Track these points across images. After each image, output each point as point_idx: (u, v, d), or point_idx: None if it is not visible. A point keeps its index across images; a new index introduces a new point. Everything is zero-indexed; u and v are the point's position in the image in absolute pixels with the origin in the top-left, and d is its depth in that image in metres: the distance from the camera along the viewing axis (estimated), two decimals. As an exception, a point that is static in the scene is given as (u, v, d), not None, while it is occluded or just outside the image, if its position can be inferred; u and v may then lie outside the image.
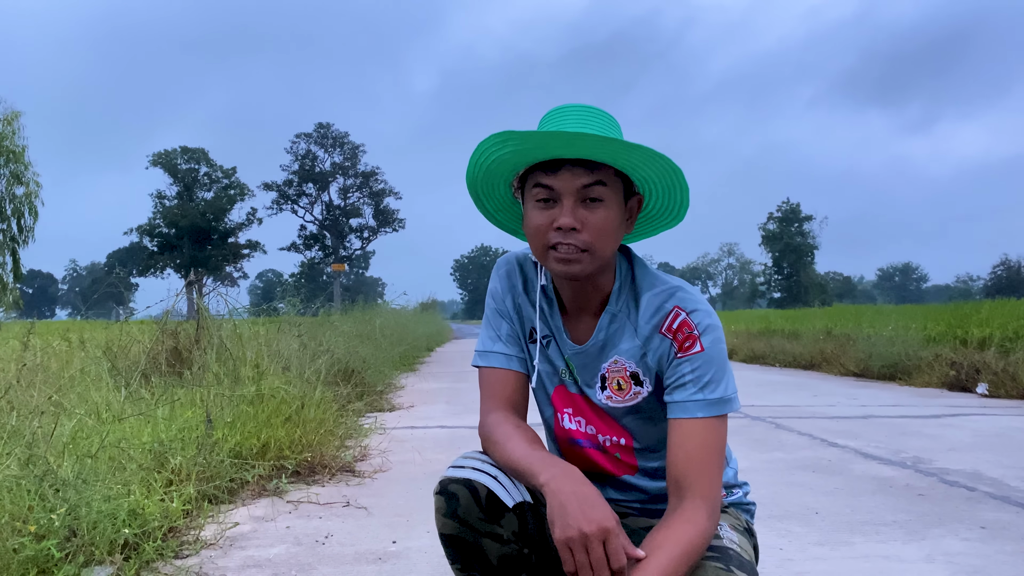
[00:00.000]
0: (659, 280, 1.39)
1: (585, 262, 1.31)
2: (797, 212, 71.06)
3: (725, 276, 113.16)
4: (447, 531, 1.35)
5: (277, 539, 2.67)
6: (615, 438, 1.45)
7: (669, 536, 1.23)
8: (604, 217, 1.30)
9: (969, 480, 3.54)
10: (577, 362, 1.44)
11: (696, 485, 1.28)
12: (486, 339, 1.50)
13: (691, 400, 1.32)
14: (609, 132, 1.32)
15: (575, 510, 1.19)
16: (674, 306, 1.35)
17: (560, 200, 1.30)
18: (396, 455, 4.16)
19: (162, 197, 60.22)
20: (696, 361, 1.32)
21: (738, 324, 17.98)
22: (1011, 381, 7.18)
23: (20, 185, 26.47)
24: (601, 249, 1.31)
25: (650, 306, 1.37)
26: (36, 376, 3.96)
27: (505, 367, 1.47)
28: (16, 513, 2.18)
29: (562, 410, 1.48)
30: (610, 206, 1.30)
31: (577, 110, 1.33)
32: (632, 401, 1.41)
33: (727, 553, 1.30)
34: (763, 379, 9.41)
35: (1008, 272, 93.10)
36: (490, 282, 1.54)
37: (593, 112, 1.34)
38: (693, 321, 1.33)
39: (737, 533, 1.41)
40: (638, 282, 1.40)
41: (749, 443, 4.58)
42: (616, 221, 1.32)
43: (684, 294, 1.36)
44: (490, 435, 1.40)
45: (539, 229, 1.32)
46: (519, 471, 1.31)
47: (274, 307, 7.07)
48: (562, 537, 1.18)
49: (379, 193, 65.74)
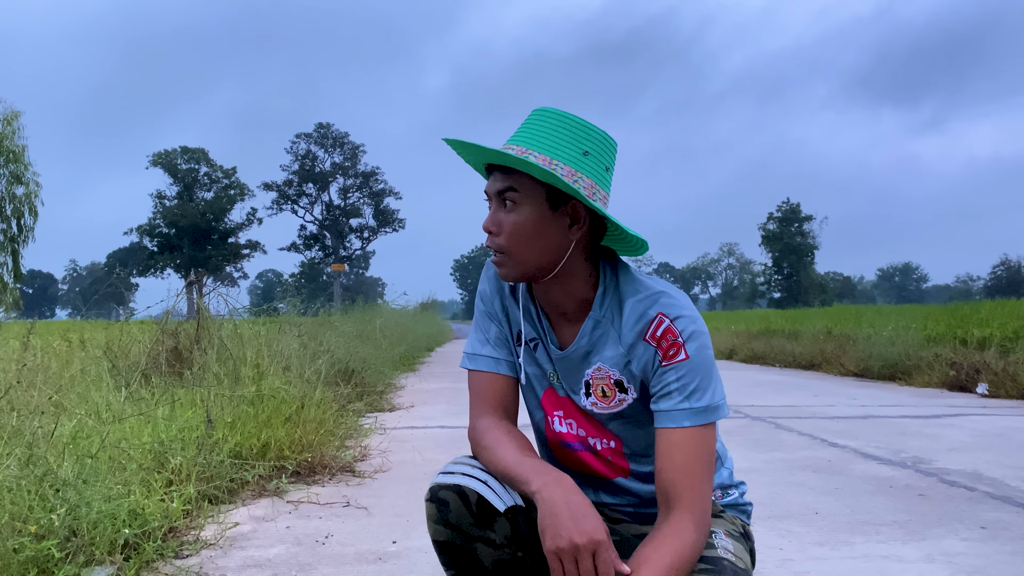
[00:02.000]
0: (643, 286, 1.36)
1: (507, 265, 1.34)
2: (797, 212, 71.04)
3: (725, 276, 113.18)
4: (440, 538, 1.34)
5: (277, 539, 2.67)
6: (605, 441, 1.44)
7: (656, 550, 1.22)
8: (515, 221, 1.31)
9: (969, 480, 3.54)
10: (561, 367, 1.43)
11: (684, 497, 1.26)
12: (475, 342, 1.49)
13: (677, 409, 1.29)
14: (556, 137, 1.29)
15: (566, 520, 1.18)
16: (657, 313, 1.32)
17: (490, 203, 1.35)
18: (396, 455, 4.16)
19: (162, 197, 60.18)
20: (681, 369, 1.30)
21: (738, 324, 17.98)
22: (1011, 381, 7.18)
23: (20, 185, 26.52)
24: (518, 252, 1.32)
25: (633, 312, 1.34)
26: (36, 376, 3.96)
27: (494, 371, 1.46)
28: (16, 513, 2.18)
29: (552, 413, 1.47)
30: (523, 211, 1.30)
31: (534, 116, 1.34)
32: (618, 408, 1.40)
33: (720, 564, 1.29)
34: (763, 379, 9.41)
35: (1008, 272, 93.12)
36: (479, 284, 1.53)
37: (549, 119, 1.31)
38: (677, 328, 1.31)
39: (732, 539, 1.39)
40: (622, 288, 1.38)
41: (749, 443, 4.58)
42: (534, 224, 1.30)
43: (668, 299, 1.33)
44: (480, 440, 1.39)
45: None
46: (510, 478, 1.30)
47: (274, 307, 7.06)
48: (552, 547, 1.18)
49: (379, 193, 65.74)
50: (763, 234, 72.10)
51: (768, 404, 6.58)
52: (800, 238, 70.46)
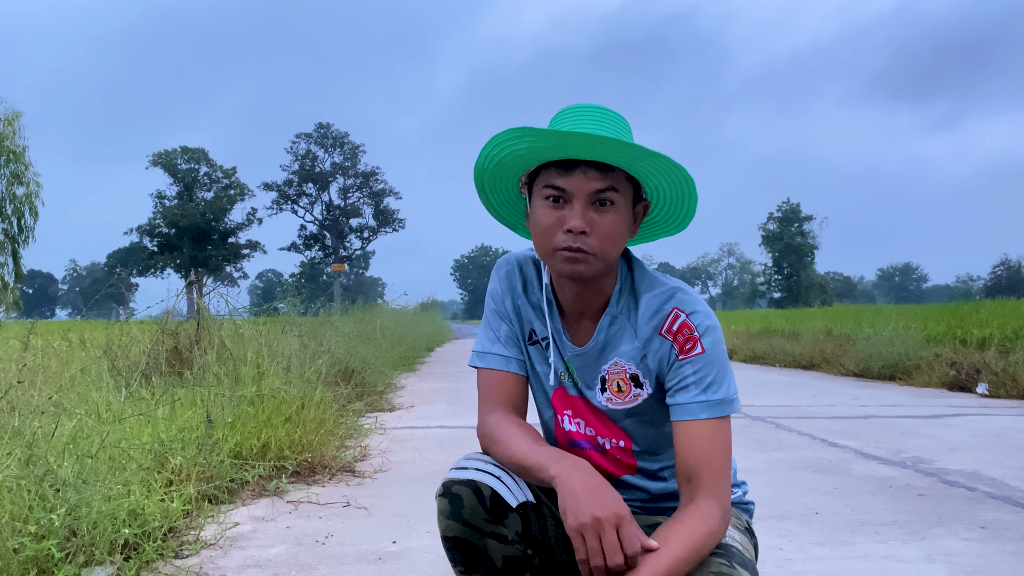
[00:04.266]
0: (657, 282, 1.39)
1: (591, 264, 1.31)
2: (797, 212, 71.02)
3: (725, 276, 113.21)
4: (451, 533, 1.34)
5: (277, 539, 2.67)
6: (615, 440, 1.45)
7: (683, 529, 1.24)
8: (613, 222, 1.30)
9: (969, 480, 3.54)
10: (577, 364, 1.44)
11: (709, 486, 1.29)
12: (485, 340, 1.50)
13: (694, 402, 1.32)
14: (623, 136, 1.32)
15: (587, 498, 1.19)
16: (673, 307, 1.35)
17: (571, 201, 1.29)
18: (396, 455, 4.16)
19: (162, 197, 60.20)
20: (698, 363, 1.32)
21: (738, 324, 17.98)
22: (1011, 381, 7.18)
23: (20, 185, 26.48)
24: (607, 253, 1.32)
25: (649, 308, 1.37)
26: (37, 376, 3.96)
27: (504, 369, 1.46)
28: (16, 513, 2.18)
29: (562, 412, 1.48)
30: (619, 211, 1.31)
31: (592, 111, 1.33)
32: (632, 403, 1.41)
33: (730, 550, 1.31)
34: (763, 379, 9.41)
35: (1008, 272, 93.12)
36: (490, 283, 1.53)
37: (608, 114, 1.33)
38: (693, 323, 1.34)
39: (738, 532, 1.41)
40: (637, 284, 1.40)
41: (749, 443, 4.58)
42: (624, 226, 1.33)
43: (683, 295, 1.36)
44: (492, 434, 1.40)
45: (548, 229, 1.31)
46: (527, 467, 1.31)
47: (274, 307, 7.06)
48: (575, 524, 1.19)
49: (379, 193, 65.73)
50: (763, 234, 72.08)
51: (768, 404, 6.58)
52: (800, 238, 70.44)
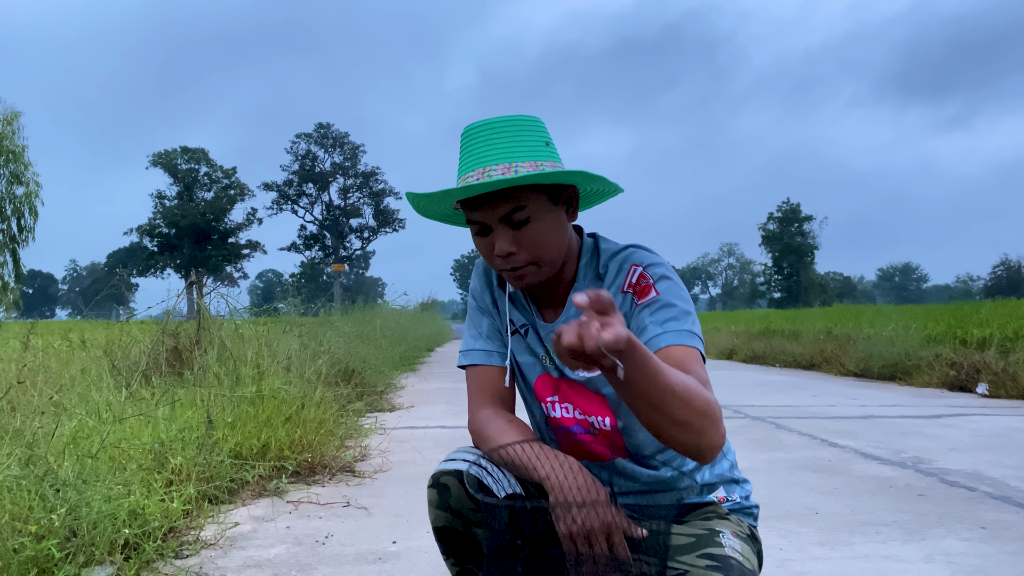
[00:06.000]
0: (615, 245, 1.44)
1: (536, 274, 1.36)
2: (797, 212, 71.06)
3: (725, 276, 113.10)
4: (439, 523, 1.37)
5: (277, 539, 2.67)
6: (601, 418, 1.45)
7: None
8: (535, 231, 1.32)
9: (969, 480, 3.54)
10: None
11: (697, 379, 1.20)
12: (468, 338, 1.53)
13: (656, 335, 1.29)
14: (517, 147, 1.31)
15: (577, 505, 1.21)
16: (631, 264, 1.39)
17: (493, 228, 1.33)
18: (396, 455, 4.16)
19: (162, 197, 60.22)
20: (654, 305, 1.33)
21: (738, 324, 17.98)
22: (1011, 381, 7.18)
23: (20, 185, 26.48)
24: (546, 257, 1.35)
25: (612, 270, 1.41)
26: (37, 376, 3.96)
27: (486, 362, 1.49)
28: (16, 513, 2.18)
29: (547, 399, 1.49)
30: (539, 218, 1.32)
31: (481, 135, 1.32)
32: None
33: (728, 563, 1.29)
34: (763, 379, 9.41)
35: (1008, 272, 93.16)
36: (470, 282, 1.57)
37: (499, 130, 1.32)
38: (648, 272, 1.37)
39: (740, 541, 1.39)
40: (601, 256, 1.44)
41: (749, 443, 4.58)
42: (551, 228, 1.34)
43: (640, 252, 1.41)
44: (481, 431, 1.41)
45: (487, 256, 1.38)
46: (516, 466, 1.32)
47: (274, 307, 7.06)
48: (565, 531, 1.21)
49: (379, 193, 65.75)
50: (763, 234, 72.13)
51: (768, 404, 6.58)
52: (800, 238, 70.47)
